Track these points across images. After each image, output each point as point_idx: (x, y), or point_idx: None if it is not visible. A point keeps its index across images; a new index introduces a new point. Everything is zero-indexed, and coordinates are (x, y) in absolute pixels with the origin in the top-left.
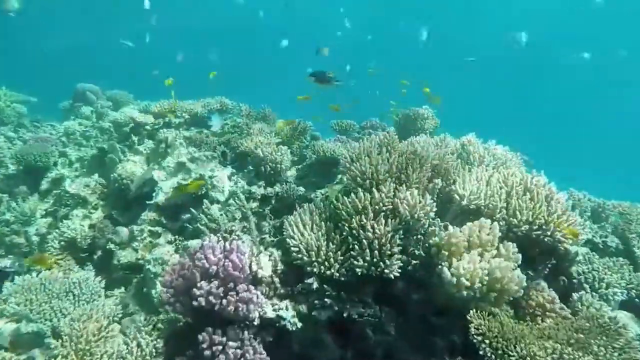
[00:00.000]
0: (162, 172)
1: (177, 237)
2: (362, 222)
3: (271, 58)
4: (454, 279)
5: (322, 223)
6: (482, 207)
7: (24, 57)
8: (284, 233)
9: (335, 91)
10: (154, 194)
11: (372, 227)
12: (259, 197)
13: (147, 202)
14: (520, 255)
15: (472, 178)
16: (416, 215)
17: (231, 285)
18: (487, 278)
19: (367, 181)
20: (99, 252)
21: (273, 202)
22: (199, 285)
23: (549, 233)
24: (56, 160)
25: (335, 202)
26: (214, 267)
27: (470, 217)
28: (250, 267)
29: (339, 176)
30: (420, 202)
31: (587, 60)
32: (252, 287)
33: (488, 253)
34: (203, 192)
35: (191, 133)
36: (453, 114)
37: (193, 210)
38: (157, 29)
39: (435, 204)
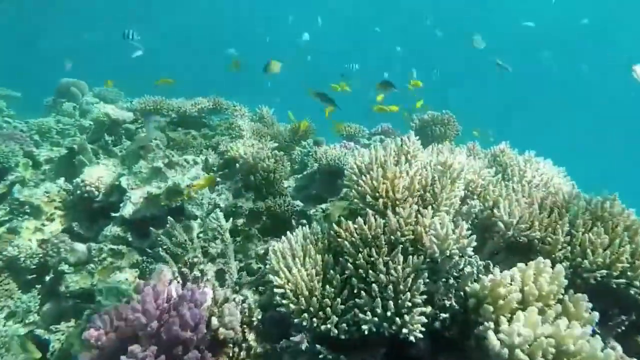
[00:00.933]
0: (133, 178)
1: (144, 258)
2: (373, 258)
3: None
4: (505, 351)
5: (318, 255)
6: (537, 241)
7: (28, 54)
8: (267, 266)
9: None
10: (121, 205)
11: (386, 266)
12: (246, 212)
13: (112, 215)
14: (597, 315)
15: (520, 199)
16: (448, 251)
17: (178, 351)
18: (553, 351)
19: (380, 200)
20: (51, 274)
21: (264, 218)
22: (129, 350)
23: (637, 283)
24: (18, 161)
25: (335, 226)
26: (154, 324)
27: (518, 254)
28: (209, 322)
29: (344, 190)
30: (453, 231)
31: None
32: (208, 355)
33: (550, 310)
34: (178, 204)
35: (177, 134)
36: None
37: (153, 230)
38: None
39: (474, 235)
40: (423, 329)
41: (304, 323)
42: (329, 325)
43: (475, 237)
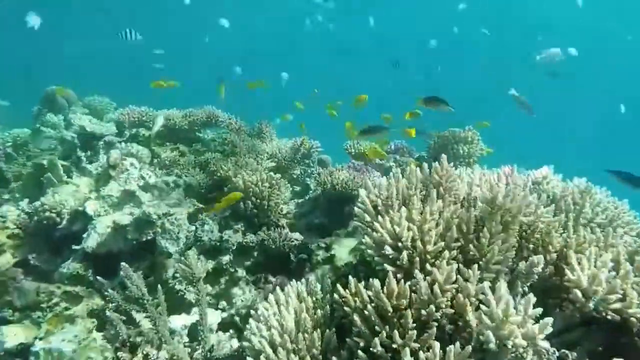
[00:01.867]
0: (101, 203)
1: (107, 304)
2: (395, 344)
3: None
4: None
5: (316, 332)
6: (633, 320)
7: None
8: (245, 343)
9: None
10: (84, 236)
11: (415, 358)
12: (234, 246)
13: (73, 248)
14: None
15: (603, 255)
16: (509, 340)
17: None
18: None
19: (405, 254)
20: None
21: (255, 254)
22: None
23: None
24: None
25: (341, 289)
26: None
27: (602, 334)
28: None
29: (353, 223)
30: (515, 308)
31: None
32: None
33: None
34: (149, 237)
35: (164, 149)
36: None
37: (100, 280)
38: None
39: (550, 319)
40: None
41: None
42: None
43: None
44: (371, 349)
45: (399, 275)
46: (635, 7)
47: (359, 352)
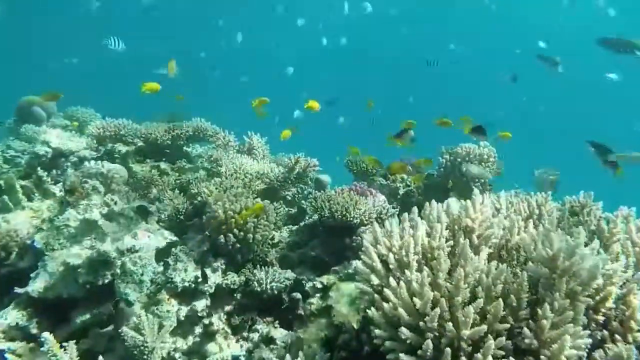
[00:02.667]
0: (55, 234)
1: None
2: None
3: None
4: None
5: None
6: None
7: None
8: None
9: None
10: (32, 275)
11: None
12: (212, 289)
13: (15, 291)
14: None
15: None
16: None
17: None
18: None
19: (429, 343)
20: None
21: (238, 296)
22: None
23: None
24: None
25: None
26: None
27: None
28: None
29: (354, 264)
30: None
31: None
32: None
33: None
34: (107, 279)
35: (143, 167)
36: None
37: (46, 337)
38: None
39: None
40: None
41: None
42: None
43: None
44: None
45: None
46: None
47: None
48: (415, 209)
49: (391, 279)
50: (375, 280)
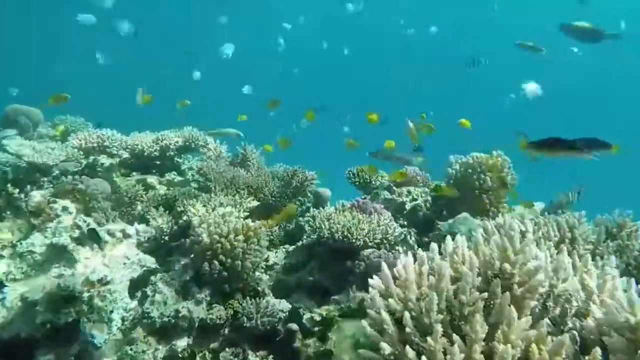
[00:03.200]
0: (16, 263)
1: None
2: None
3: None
4: None
5: None
6: None
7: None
8: None
9: None
10: None
11: None
12: (196, 323)
13: None
14: None
15: None
16: None
17: None
18: None
19: None
20: None
21: (226, 331)
22: None
23: None
24: None
25: None
26: None
27: None
28: None
29: (359, 296)
30: None
31: None
32: None
33: None
34: (71, 318)
35: (128, 182)
36: None
37: None
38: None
39: None
40: None
41: None
42: None
43: None
44: None
45: None
46: None
47: None
48: (434, 247)
49: (408, 349)
50: (386, 349)
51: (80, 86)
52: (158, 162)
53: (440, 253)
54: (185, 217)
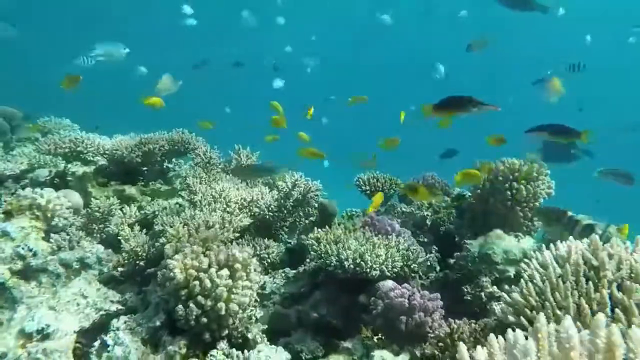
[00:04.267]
0: None
1: None
2: None
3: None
4: None
5: None
6: None
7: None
8: None
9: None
10: None
11: None
12: None
13: None
14: None
15: None
16: None
17: None
18: None
19: None
20: None
21: None
22: None
23: None
24: None
25: None
26: None
27: None
28: None
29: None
30: None
31: None
32: None
33: None
34: None
35: (104, 192)
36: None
37: None
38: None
39: None
40: None
41: None
42: None
43: None
44: None
45: None
46: None
47: None
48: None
49: None
50: None
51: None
52: (145, 169)
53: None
54: (161, 240)
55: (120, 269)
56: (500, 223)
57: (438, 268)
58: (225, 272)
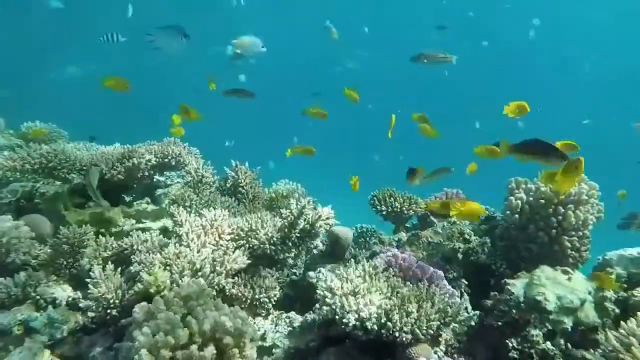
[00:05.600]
0: None
1: None
2: None
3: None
4: None
5: None
6: None
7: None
8: None
9: None
10: None
11: None
12: None
13: None
14: None
15: None
16: None
17: None
18: None
19: None
20: None
21: None
22: None
23: None
24: None
25: None
26: None
27: None
28: None
29: None
30: None
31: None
32: None
33: None
34: None
35: (78, 217)
36: None
37: None
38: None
39: None
40: None
41: None
42: None
43: None
44: None
45: None
46: None
47: None
48: None
49: None
50: None
51: (77, 91)
52: (135, 185)
53: None
54: (139, 286)
55: (90, 313)
56: (542, 254)
57: (472, 313)
58: (210, 351)
